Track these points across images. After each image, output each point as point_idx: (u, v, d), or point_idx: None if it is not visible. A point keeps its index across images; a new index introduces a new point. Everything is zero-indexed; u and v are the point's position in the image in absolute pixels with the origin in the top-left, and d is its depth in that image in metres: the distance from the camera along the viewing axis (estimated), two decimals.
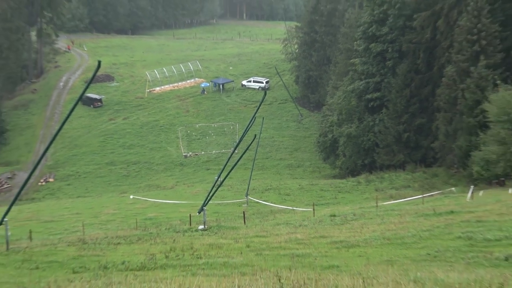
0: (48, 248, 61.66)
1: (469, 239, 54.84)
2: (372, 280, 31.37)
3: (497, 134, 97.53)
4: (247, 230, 71.31)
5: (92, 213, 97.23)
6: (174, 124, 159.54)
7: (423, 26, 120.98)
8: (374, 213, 78.94)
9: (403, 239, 57.27)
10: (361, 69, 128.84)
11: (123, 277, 41.13)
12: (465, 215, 69.42)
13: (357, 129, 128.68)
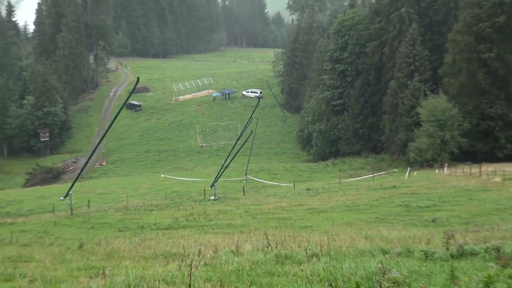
0: (101, 213, 63.11)
1: (406, 206, 55.53)
2: (335, 237, 32.32)
3: (427, 130, 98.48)
4: (246, 200, 72.66)
5: (133, 188, 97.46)
6: (193, 123, 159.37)
7: (373, 52, 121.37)
8: (337, 188, 79.84)
9: (358, 207, 58.44)
10: (329, 83, 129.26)
11: (154, 234, 42.67)
12: (404, 189, 70.00)
13: (325, 127, 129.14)
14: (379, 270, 16.64)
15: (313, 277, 17.54)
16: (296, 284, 16.49)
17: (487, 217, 47.62)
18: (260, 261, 20.96)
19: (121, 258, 27.04)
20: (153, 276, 16.90)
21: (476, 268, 17.66)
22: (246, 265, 19.91)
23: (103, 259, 26.77)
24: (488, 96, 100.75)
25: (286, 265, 20.04)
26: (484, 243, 24.96)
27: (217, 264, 20.60)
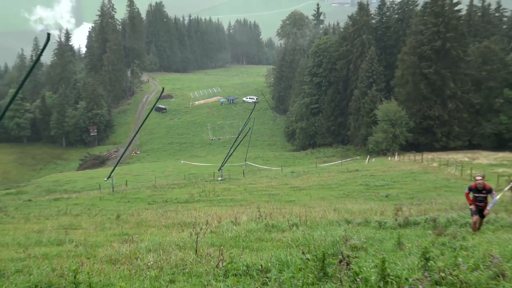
0: (135, 190, 63.05)
1: (366, 185, 55.26)
2: (311, 209, 32.17)
3: (382, 127, 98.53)
4: (245, 180, 72.61)
5: (160, 171, 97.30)
6: (205, 122, 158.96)
7: (341, 68, 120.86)
8: (314, 171, 79.63)
9: (330, 185, 58.36)
10: (308, 91, 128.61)
11: (175, 207, 42.73)
12: (364, 172, 69.77)
13: (305, 124, 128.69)
14: (343, 238, 16.45)
15: (293, 243, 17.42)
16: (279, 249, 16.32)
17: (427, 193, 47.50)
18: (253, 229, 20.96)
19: (148, 226, 27.03)
20: (169, 242, 16.87)
21: (417, 235, 17.55)
22: (242, 232, 19.92)
23: (134, 227, 26.72)
24: (428, 101, 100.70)
25: (272, 233, 20.01)
26: (424, 215, 24.91)
27: (219, 232, 20.60)
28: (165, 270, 11.58)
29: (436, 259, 9.54)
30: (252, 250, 16.10)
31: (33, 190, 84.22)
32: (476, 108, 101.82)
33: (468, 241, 13.12)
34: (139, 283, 10.51)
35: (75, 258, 14.72)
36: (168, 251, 14.51)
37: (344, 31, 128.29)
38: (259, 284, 9.34)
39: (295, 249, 16.10)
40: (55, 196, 65.82)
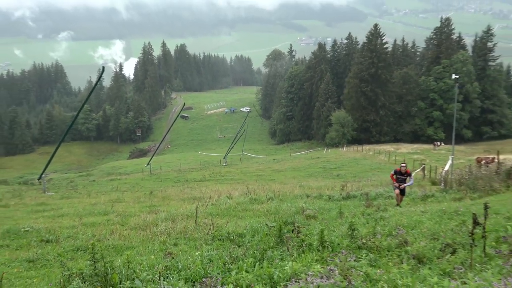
0: (166, 173, 62.38)
1: (324, 168, 54.50)
2: (285, 185, 31.49)
3: (335, 128, 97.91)
4: (241, 165, 72.13)
5: (184, 159, 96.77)
6: (215, 125, 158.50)
7: (307, 88, 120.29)
8: (289, 158, 79.29)
9: (299, 168, 58.24)
10: (284, 104, 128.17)
11: (192, 184, 41.79)
12: (323, 159, 69.31)
13: (283, 126, 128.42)
14: (301, 209, 16.02)
15: (268, 212, 16.91)
16: (256, 217, 15.90)
17: (365, 173, 47.24)
18: (241, 202, 20.59)
19: (170, 200, 26.50)
20: (180, 213, 16.46)
21: (354, 206, 17.11)
22: (233, 205, 19.48)
23: (160, 201, 26.20)
24: (366, 110, 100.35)
25: (254, 204, 19.67)
26: (361, 190, 24.51)
27: (218, 204, 20.18)
28: (172, 236, 11.28)
29: (361, 228, 9.13)
30: (238, 218, 15.80)
31: (97, 173, 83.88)
32: (399, 114, 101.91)
33: (387, 212, 12.72)
34: (151, 246, 10.17)
35: (112, 226, 14.32)
36: (176, 220, 14.20)
37: (309, 63, 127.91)
38: (236, 246, 8.96)
39: (269, 216, 15.73)
40: (111, 177, 65.52)
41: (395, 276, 5.12)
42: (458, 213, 9.90)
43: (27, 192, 39.84)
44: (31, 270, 8.85)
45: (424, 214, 10.01)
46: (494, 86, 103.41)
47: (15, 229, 13.40)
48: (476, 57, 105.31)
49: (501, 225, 7.21)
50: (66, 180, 69.97)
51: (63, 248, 10.22)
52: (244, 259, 7.14)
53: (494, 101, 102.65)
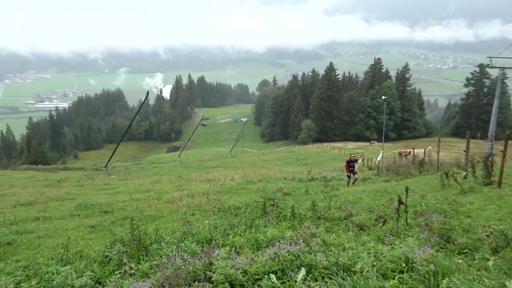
0: (191, 162, 60.86)
1: (296, 158, 54.15)
2: (270, 170, 30.75)
3: (304, 131, 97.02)
4: (242, 157, 70.59)
5: (204, 153, 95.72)
6: (224, 130, 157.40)
7: (286, 105, 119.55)
8: (274, 152, 78.24)
9: (280, 158, 56.76)
10: (270, 116, 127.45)
11: (208, 170, 40.70)
12: (296, 152, 68.43)
13: (269, 131, 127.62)
14: (280, 188, 15.61)
15: (258, 190, 16.42)
16: (250, 194, 15.48)
17: (324, 162, 46.76)
18: (240, 183, 20.00)
19: (192, 181, 25.82)
20: (198, 191, 15.99)
21: (316, 186, 16.70)
22: (234, 185, 18.92)
23: (186, 182, 25.54)
24: (324, 120, 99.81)
25: (249, 184, 19.06)
26: (321, 174, 24.02)
27: (224, 184, 19.60)
28: (191, 208, 10.78)
29: (320, 203, 8.77)
30: (238, 194, 15.33)
31: (145, 162, 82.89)
32: (346, 122, 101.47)
33: (338, 191, 12.35)
34: (176, 215, 9.74)
35: (151, 201, 13.88)
36: (195, 197, 13.76)
37: (286, 88, 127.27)
38: (233, 216, 8.61)
39: (257, 194, 15.33)
40: (154, 165, 64.71)
41: (343, 241, 4.81)
42: (387, 192, 9.58)
43: (98, 176, 39.18)
44: (92, 234, 8.35)
45: (364, 193, 9.66)
46: (410, 103, 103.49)
47: (85, 203, 12.92)
48: (398, 84, 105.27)
49: (417, 202, 6.91)
50: (124, 167, 69.19)
51: (115, 217, 9.82)
52: (238, 226, 6.82)
53: (410, 113, 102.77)
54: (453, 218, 5.80)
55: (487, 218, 5.70)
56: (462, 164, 13.27)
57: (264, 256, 3.64)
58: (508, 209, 6.04)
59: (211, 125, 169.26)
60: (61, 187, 25.14)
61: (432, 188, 10.15)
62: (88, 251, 5.57)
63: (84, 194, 18.63)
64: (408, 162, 20.10)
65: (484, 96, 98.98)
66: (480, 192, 7.93)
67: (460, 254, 4.23)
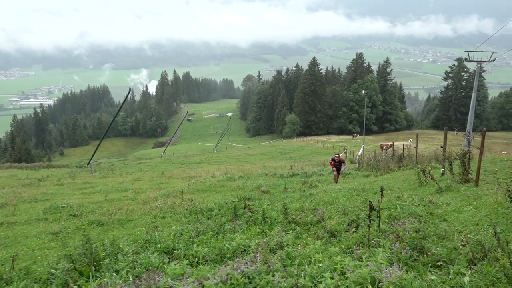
0: (176, 157, 60.10)
1: (281, 153, 53.69)
2: (254, 165, 30.21)
3: (288, 125, 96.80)
4: (227, 152, 70.25)
5: (189, 148, 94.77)
6: (210, 125, 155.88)
7: (270, 99, 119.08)
8: (258, 146, 77.81)
9: (264, 153, 56.45)
10: (255, 110, 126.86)
11: (192, 166, 40.02)
12: (280, 146, 68.09)
13: (255, 125, 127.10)
14: (259, 185, 15.13)
15: (237, 187, 15.90)
16: (229, 190, 14.97)
17: (308, 156, 46.58)
18: (220, 180, 19.39)
19: (174, 178, 25.07)
20: (176, 189, 15.34)
21: (296, 182, 16.25)
22: (214, 182, 18.32)
23: (167, 179, 24.78)
24: (308, 114, 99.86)
25: (229, 181, 18.47)
26: (302, 169, 23.61)
27: (204, 181, 18.98)
28: (163, 210, 10.10)
29: (295, 203, 8.30)
30: (216, 192, 14.76)
31: (131, 158, 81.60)
32: (330, 116, 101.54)
33: (316, 188, 11.86)
34: (145, 218, 9.12)
35: (125, 201, 13.16)
36: (171, 196, 13.04)
37: (271, 83, 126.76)
38: (205, 218, 8.09)
39: (236, 192, 14.81)
40: (139, 161, 63.69)
41: (310, 252, 4.36)
42: (364, 190, 9.15)
43: (80, 174, 38.10)
44: (53, 242, 7.59)
45: (340, 192, 9.14)
46: (391, 96, 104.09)
47: (55, 205, 12.06)
48: (380, 78, 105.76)
49: (392, 203, 6.49)
50: (109, 163, 68.00)
51: (81, 222, 9.13)
52: (205, 232, 6.31)
53: (391, 107, 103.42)
54: (428, 222, 5.39)
55: (463, 222, 5.32)
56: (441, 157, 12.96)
57: (215, 278, 3.14)
58: (485, 211, 5.67)
59: (197, 120, 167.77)
60: (39, 187, 24.22)
61: (409, 186, 9.79)
62: (36, 267, 4.99)
63: (60, 194, 17.82)
64: (388, 157, 19.83)
65: (462, 89, 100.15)
66: (457, 191, 7.57)
67: (434, 268, 3.81)
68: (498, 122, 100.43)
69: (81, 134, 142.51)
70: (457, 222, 5.33)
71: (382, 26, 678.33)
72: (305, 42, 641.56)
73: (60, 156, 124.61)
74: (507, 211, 5.31)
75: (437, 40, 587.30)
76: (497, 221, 5.02)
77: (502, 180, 8.02)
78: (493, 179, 8.38)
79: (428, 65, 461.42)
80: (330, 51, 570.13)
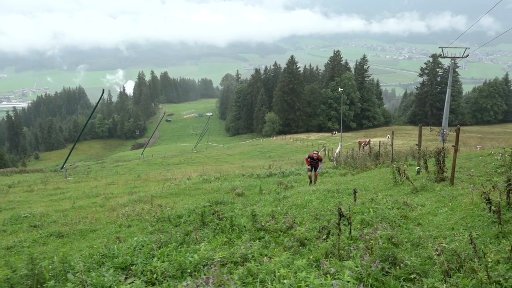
0: (155, 159, 59.14)
1: (260, 152, 53.46)
2: (233, 165, 29.73)
3: (268, 124, 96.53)
4: (207, 152, 69.38)
5: (168, 149, 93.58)
6: (189, 125, 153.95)
7: (249, 98, 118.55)
8: (238, 145, 77.30)
9: (244, 152, 55.98)
10: (234, 109, 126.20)
11: (171, 167, 39.30)
12: (260, 145, 67.83)
13: (234, 124, 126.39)
14: (233, 188, 14.70)
15: (212, 190, 15.40)
16: (204, 193, 14.47)
17: (287, 154, 46.38)
18: (196, 182, 18.87)
19: (150, 181, 24.34)
20: (150, 193, 14.74)
21: (273, 183, 15.85)
22: (190, 185, 17.76)
23: (142, 182, 24.05)
24: (287, 112, 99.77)
25: (205, 184, 17.93)
26: (280, 168, 23.29)
27: (180, 184, 18.39)
28: (130, 217, 9.51)
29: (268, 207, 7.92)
30: (190, 196, 14.23)
31: (109, 161, 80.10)
32: (309, 113, 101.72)
33: (292, 189, 11.46)
34: (110, 228, 8.55)
35: (93, 209, 12.41)
36: (141, 202, 12.38)
37: (250, 82, 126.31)
38: (173, 226, 7.64)
39: (211, 194, 14.33)
40: (117, 164, 62.43)
41: (275, 266, 3.99)
42: (339, 191, 8.83)
43: (54, 178, 36.88)
44: (4, 258, 6.78)
45: (314, 193, 8.76)
46: (368, 93, 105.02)
47: (16, 215, 11.29)
48: (357, 75, 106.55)
49: (365, 206, 6.17)
50: (86, 167, 66.35)
51: (39, 234, 8.40)
52: (169, 244, 5.86)
53: (369, 103, 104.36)
54: (402, 227, 5.10)
55: (438, 226, 5.02)
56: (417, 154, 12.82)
57: None
58: (460, 213, 5.40)
59: (176, 120, 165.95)
60: (8, 194, 23.22)
61: (385, 185, 9.55)
62: None
63: (27, 202, 16.97)
64: (365, 155, 19.71)
65: (437, 85, 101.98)
66: (433, 191, 7.32)
67: (407, 281, 3.49)
68: (472, 117, 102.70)
69: (57, 137, 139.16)
70: (431, 226, 5.05)
71: (358, 23, 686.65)
72: (283, 41, 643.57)
73: (36, 160, 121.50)
74: (482, 213, 5.06)
75: (412, 37, 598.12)
76: (473, 224, 4.78)
77: (477, 178, 7.84)
78: (468, 177, 8.23)
79: (404, 62, 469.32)
80: (308, 49, 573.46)
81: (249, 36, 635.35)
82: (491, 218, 4.70)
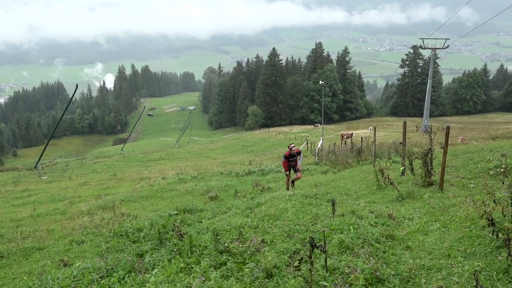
0: (136, 154, 57.77)
1: (242, 146, 52.29)
2: (214, 160, 28.80)
3: (251, 117, 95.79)
4: (188, 147, 68.35)
5: (150, 144, 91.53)
6: (172, 119, 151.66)
7: (232, 92, 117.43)
8: (221, 139, 76.46)
9: (227, 146, 55.13)
10: (217, 103, 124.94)
11: (151, 163, 38.17)
12: (243, 139, 67.10)
13: (217, 118, 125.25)
14: (208, 189, 13.81)
15: (186, 192, 14.40)
16: (177, 196, 13.53)
17: (270, 148, 45.64)
18: (171, 182, 17.85)
19: (124, 181, 23.14)
20: (119, 196, 13.65)
21: (250, 182, 14.98)
22: (164, 185, 16.76)
23: (116, 182, 22.80)
24: (270, 105, 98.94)
25: (180, 184, 16.95)
26: (261, 164, 22.46)
27: (154, 184, 17.35)
28: (87, 229, 8.43)
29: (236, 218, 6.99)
30: (162, 199, 13.23)
31: (89, 157, 78.08)
32: (292, 106, 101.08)
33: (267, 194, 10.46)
34: (59, 245, 7.45)
35: (52, 217, 11.15)
36: (104, 209, 11.22)
37: (232, 75, 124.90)
38: (131, 243, 6.70)
39: (187, 196, 13.41)
40: (97, 160, 60.59)
41: None
42: (317, 197, 7.97)
43: (27, 178, 35.22)
44: None
45: (290, 200, 7.85)
46: (351, 85, 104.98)
47: None
48: (339, 67, 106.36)
49: (345, 222, 5.32)
50: (65, 164, 64.29)
51: None
52: (114, 272, 4.93)
53: (351, 95, 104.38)
54: (388, 253, 4.27)
55: (431, 251, 4.18)
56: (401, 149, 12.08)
57: None
58: (455, 232, 4.59)
59: (158, 115, 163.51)
60: None
61: (367, 188, 8.76)
62: None
63: None
64: (346, 151, 19.00)
65: (418, 76, 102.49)
66: (420, 199, 6.52)
67: None
68: (452, 107, 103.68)
69: (35, 133, 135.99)
70: (423, 251, 4.20)
71: (339, 15, 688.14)
72: (265, 33, 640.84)
73: (14, 157, 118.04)
74: (481, 232, 4.28)
75: (393, 29, 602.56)
76: (473, 250, 3.97)
77: (467, 181, 7.14)
78: (457, 179, 7.51)
79: (385, 53, 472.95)
80: (290, 42, 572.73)
81: (231, 29, 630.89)
82: (493, 241, 3.95)
